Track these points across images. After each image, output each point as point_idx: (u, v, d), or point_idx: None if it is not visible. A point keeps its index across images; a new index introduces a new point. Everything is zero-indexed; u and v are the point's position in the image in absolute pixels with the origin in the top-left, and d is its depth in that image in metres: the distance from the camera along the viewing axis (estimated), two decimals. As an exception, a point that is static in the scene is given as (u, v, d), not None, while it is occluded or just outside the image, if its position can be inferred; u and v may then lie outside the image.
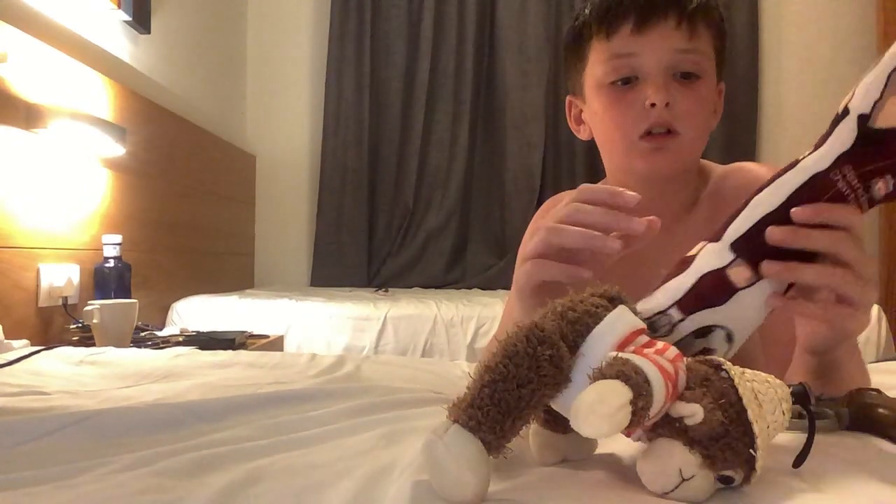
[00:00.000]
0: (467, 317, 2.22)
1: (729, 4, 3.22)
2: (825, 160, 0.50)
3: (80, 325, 1.61)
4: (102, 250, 1.76)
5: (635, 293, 0.48)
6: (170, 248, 2.43)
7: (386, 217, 3.42)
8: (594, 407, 0.37)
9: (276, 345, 2.02)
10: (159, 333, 1.81)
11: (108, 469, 0.49)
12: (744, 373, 0.43)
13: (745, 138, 3.28)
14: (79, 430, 0.62)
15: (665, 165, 0.80)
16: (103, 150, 1.88)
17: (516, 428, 0.40)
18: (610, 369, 0.39)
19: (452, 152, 3.39)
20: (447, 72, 3.39)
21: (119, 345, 1.43)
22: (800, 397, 0.48)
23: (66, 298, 1.70)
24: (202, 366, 1.07)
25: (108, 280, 1.74)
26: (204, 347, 1.40)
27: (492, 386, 0.39)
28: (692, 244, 0.55)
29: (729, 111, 3.12)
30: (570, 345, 0.42)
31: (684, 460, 0.39)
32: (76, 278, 1.76)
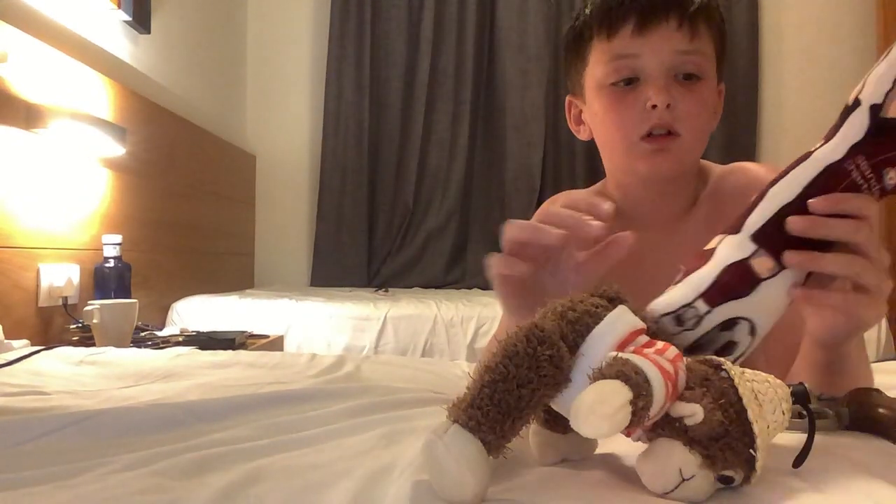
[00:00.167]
0: (467, 317, 2.22)
1: (729, 5, 3.22)
2: (838, 151, 0.50)
3: (80, 325, 1.61)
4: (102, 250, 1.76)
5: (635, 293, 0.48)
6: (170, 248, 2.43)
7: (386, 217, 3.42)
8: (594, 407, 0.37)
9: (276, 345, 2.01)
10: (159, 333, 1.81)
11: (108, 469, 0.49)
12: (744, 373, 0.43)
13: (745, 138, 3.28)
14: (79, 430, 0.62)
15: (666, 167, 0.80)
16: (103, 150, 1.88)
17: (516, 428, 0.40)
18: (610, 369, 0.39)
19: (452, 152, 3.39)
20: (447, 72, 3.39)
21: (119, 345, 1.43)
22: (800, 397, 0.48)
23: (66, 298, 1.70)
24: (202, 366, 1.07)
25: (108, 280, 1.74)
26: (204, 347, 1.40)
27: (492, 386, 0.39)
28: (692, 244, 0.55)
29: (729, 111, 3.12)
30: (570, 345, 0.42)
31: (684, 460, 0.39)
32: (76, 278, 1.76)
